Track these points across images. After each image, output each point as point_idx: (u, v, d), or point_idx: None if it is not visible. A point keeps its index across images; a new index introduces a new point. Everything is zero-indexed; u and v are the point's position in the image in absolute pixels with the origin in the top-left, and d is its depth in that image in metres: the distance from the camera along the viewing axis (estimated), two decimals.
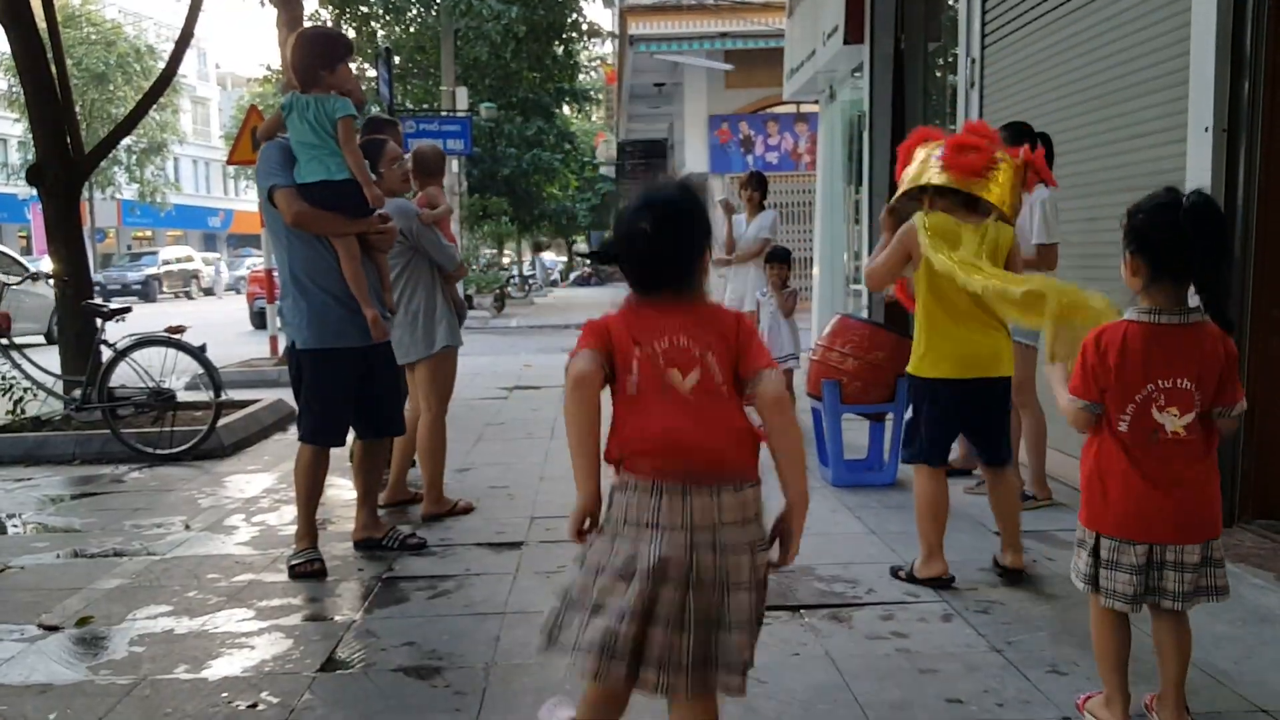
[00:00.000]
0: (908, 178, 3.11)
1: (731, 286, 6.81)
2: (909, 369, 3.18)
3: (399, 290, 3.90)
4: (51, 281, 6.23)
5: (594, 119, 33.52)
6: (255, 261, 24.90)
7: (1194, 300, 2.06)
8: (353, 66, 3.41)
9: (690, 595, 1.64)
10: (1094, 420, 2.11)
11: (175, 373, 5.65)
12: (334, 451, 3.47)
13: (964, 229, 2.99)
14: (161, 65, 9.54)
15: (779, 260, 5.77)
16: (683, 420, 1.68)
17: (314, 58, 3.23)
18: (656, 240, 1.73)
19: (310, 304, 3.30)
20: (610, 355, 1.72)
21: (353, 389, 3.40)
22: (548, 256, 43.47)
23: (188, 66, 33.33)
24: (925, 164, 3.05)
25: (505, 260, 32.47)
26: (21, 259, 14.80)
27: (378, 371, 3.47)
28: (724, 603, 1.66)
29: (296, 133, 3.22)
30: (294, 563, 3.36)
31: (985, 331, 3.06)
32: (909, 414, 3.23)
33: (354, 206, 3.29)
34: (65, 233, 6.25)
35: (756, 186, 6.47)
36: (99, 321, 5.69)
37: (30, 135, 6.67)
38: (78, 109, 7.53)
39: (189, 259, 29.58)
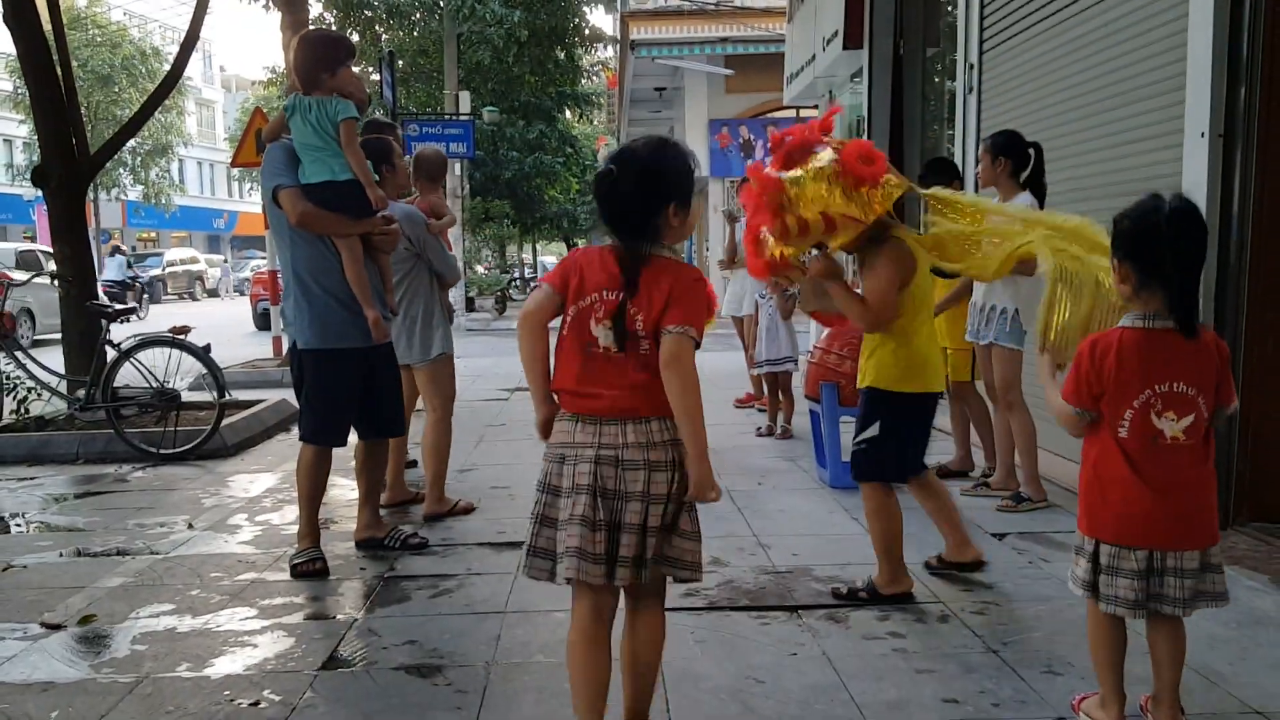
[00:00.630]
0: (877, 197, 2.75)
1: (731, 288, 6.84)
2: (890, 386, 2.96)
3: (399, 296, 3.93)
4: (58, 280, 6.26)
5: (595, 123, 33.54)
6: (259, 263, 24.96)
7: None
8: (356, 70, 3.44)
9: (597, 501, 1.91)
10: (1086, 424, 2.12)
11: (179, 373, 5.68)
12: (336, 452, 3.50)
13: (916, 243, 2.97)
14: (166, 68, 9.58)
15: None
16: (589, 379, 1.95)
17: (315, 61, 3.26)
18: (618, 185, 1.93)
19: (312, 304, 3.32)
20: (565, 293, 1.98)
21: (355, 389, 3.42)
22: (549, 259, 43.48)
23: (193, 69, 33.36)
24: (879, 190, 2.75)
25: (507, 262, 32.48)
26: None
27: (379, 372, 3.49)
28: (624, 508, 1.93)
29: (300, 134, 3.25)
30: (296, 562, 3.38)
31: (937, 343, 3.12)
32: (872, 432, 2.99)
33: (358, 207, 3.31)
34: (70, 234, 6.28)
35: None
36: (103, 322, 5.73)
37: (36, 136, 6.70)
38: (83, 111, 7.57)
39: (194, 260, 29.65)
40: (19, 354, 5.67)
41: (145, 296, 19.67)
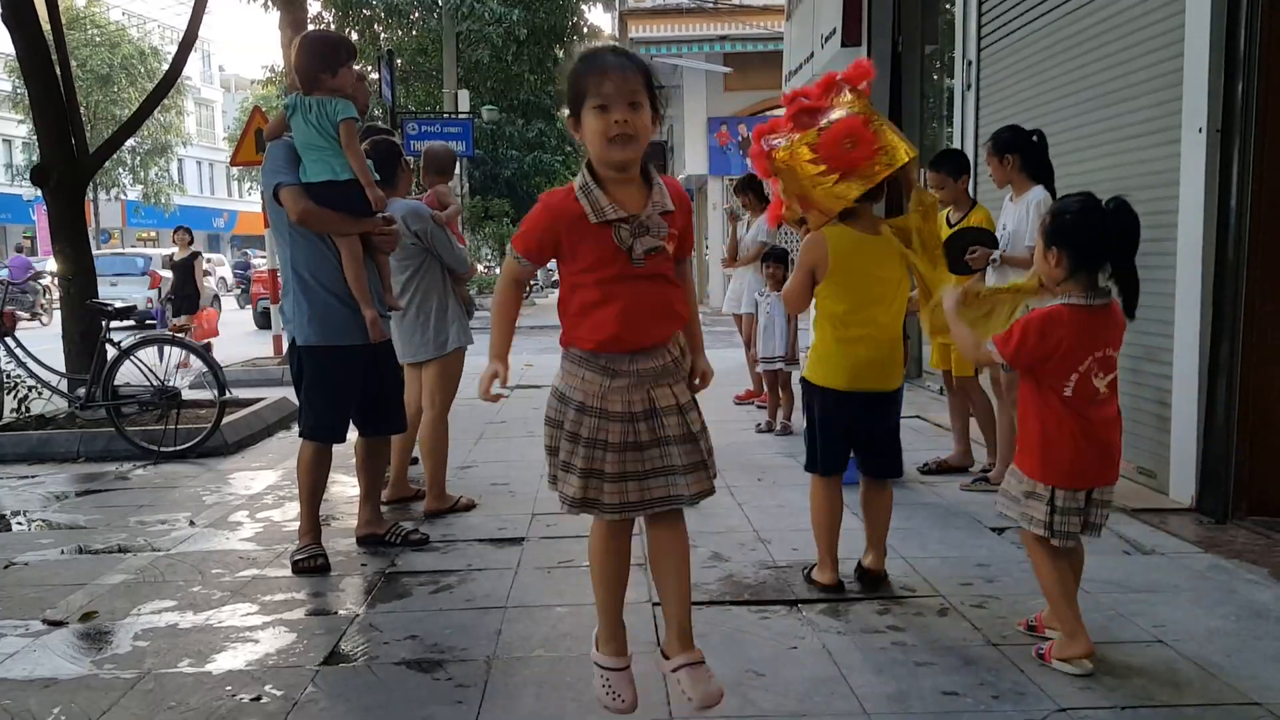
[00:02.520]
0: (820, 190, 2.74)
1: (731, 286, 6.88)
2: (807, 375, 3.05)
3: (412, 291, 3.94)
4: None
5: None
6: (259, 263, 24.99)
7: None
8: (356, 69, 3.44)
9: None
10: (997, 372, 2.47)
11: (179, 371, 5.69)
12: (337, 448, 3.50)
13: (865, 241, 2.86)
14: (165, 67, 9.59)
15: (776, 260, 5.81)
16: None
17: (315, 61, 3.26)
18: None
19: (312, 302, 3.33)
20: None
21: (354, 386, 3.43)
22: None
23: (192, 69, 33.44)
24: (814, 179, 2.72)
25: None
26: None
27: (379, 369, 3.49)
28: None
29: (301, 134, 3.26)
30: (297, 558, 3.39)
31: (877, 345, 2.90)
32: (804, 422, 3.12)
33: (359, 207, 3.32)
34: (70, 233, 6.29)
35: (749, 189, 6.52)
36: (103, 321, 5.74)
37: (35, 136, 6.71)
38: (82, 110, 7.58)
39: None
40: (19, 352, 5.68)
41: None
